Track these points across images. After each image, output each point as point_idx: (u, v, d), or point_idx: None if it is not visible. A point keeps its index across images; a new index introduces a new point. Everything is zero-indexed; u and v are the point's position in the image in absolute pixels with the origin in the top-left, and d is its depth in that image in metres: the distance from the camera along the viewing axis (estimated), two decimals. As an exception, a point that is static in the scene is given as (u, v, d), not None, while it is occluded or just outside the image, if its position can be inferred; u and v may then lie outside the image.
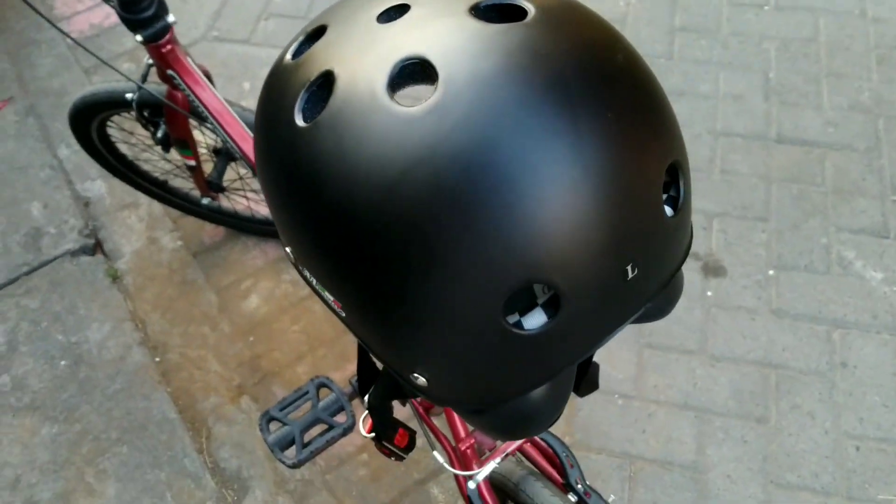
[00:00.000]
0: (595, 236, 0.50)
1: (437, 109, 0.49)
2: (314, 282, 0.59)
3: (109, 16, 2.54)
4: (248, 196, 1.88)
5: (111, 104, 1.53)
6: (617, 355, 1.77)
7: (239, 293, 1.93)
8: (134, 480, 1.67)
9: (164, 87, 1.44)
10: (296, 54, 0.58)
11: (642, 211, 0.52)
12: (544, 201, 0.48)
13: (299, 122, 0.54)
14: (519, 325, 0.54)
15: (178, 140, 1.55)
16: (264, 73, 2.33)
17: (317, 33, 0.58)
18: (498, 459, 1.07)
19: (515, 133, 0.48)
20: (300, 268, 0.60)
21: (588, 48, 0.52)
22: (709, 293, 1.85)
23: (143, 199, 2.08)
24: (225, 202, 1.92)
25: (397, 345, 0.56)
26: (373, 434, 0.88)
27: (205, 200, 1.75)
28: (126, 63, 2.40)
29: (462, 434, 1.12)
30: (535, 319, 0.55)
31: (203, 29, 2.49)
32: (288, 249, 0.61)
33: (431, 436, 1.15)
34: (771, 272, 1.87)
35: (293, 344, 1.84)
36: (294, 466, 1.11)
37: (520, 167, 0.48)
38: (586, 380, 0.90)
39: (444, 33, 0.52)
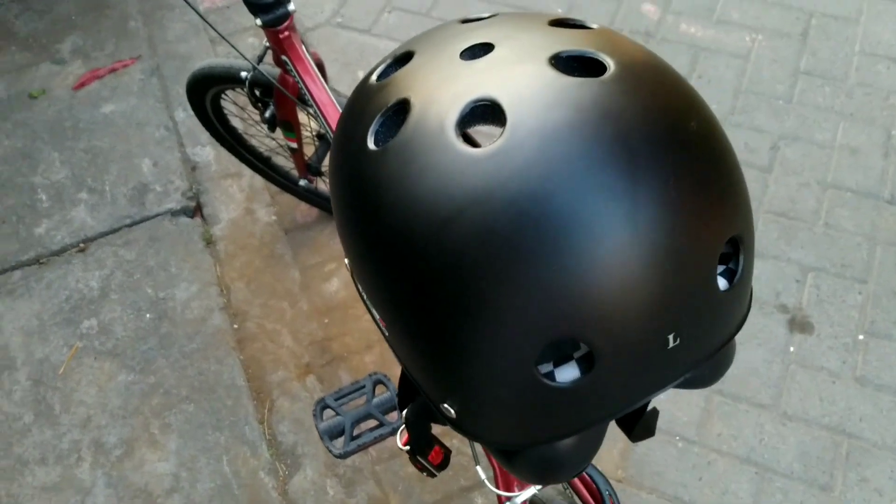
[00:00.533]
0: (638, 303, 0.49)
1: (499, 154, 0.49)
2: (365, 297, 0.59)
3: (242, -10, 2.62)
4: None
5: (226, 79, 1.58)
6: (685, 397, 1.72)
7: (322, 274, 1.96)
8: (195, 439, 1.73)
9: (276, 71, 1.48)
10: (381, 76, 0.59)
11: (692, 283, 0.51)
12: (591, 260, 0.47)
13: (371, 144, 0.54)
14: (551, 375, 0.54)
15: (284, 122, 1.59)
16: (379, 63, 2.37)
17: (404, 58, 0.59)
18: (539, 486, 1.06)
19: (572, 188, 0.47)
20: (355, 281, 0.61)
21: (661, 111, 0.51)
22: (791, 349, 1.78)
23: (246, 171, 2.14)
24: (321, 185, 1.96)
25: (433, 374, 0.56)
26: (408, 447, 0.88)
27: (302, 182, 1.79)
28: (251, 38, 2.48)
29: None
30: (568, 373, 0.54)
31: (328, 14, 2.54)
32: (346, 261, 0.62)
33: (476, 450, 1.15)
34: (861, 337, 1.78)
35: (365, 332, 1.86)
36: (340, 457, 1.12)
37: (572, 223, 0.47)
38: (641, 424, 0.88)
39: (520, 79, 0.51)
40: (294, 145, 1.67)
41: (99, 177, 2.16)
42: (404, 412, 0.77)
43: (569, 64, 0.53)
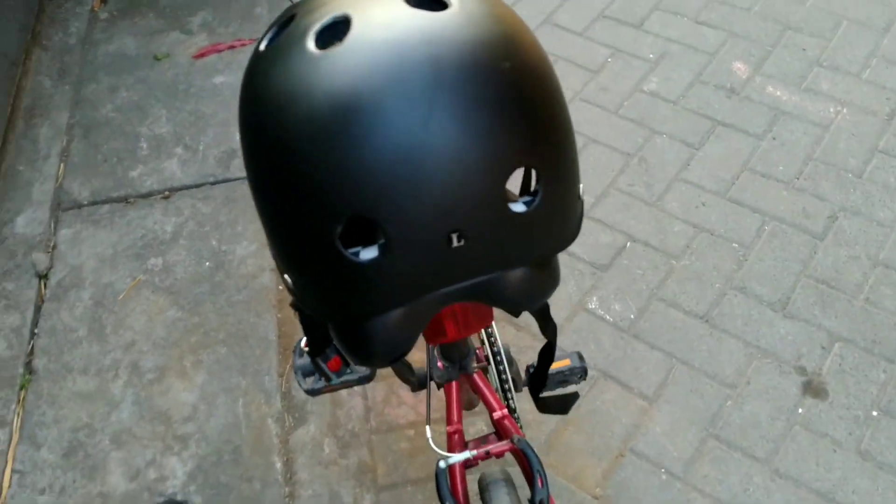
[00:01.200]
0: (423, 195, 0.57)
1: (333, 55, 0.58)
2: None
3: None
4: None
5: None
6: (680, 433, 1.73)
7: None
8: (220, 378, 1.86)
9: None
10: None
11: (478, 194, 0.58)
12: (387, 152, 0.56)
13: (261, 46, 0.66)
14: (356, 254, 0.62)
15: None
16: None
17: None
18: (474, 452, 1.12)
19: (381, 90, 0.56)
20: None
21: (477, 46, 0.59)
22: (800, 410, 1.75)
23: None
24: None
25: (272, 246, 0.65)
26: (307, 350, 0.96)
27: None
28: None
29: (454, 419, 1.18)
30: (369, 253, 0.62)
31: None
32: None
33: (429, 412, 1.22)
34: (875, 413, 1.74)
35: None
36: (308, 392, 1.21)
37: (375, 118, 0.56)
38: (555, 399, 0.93)
39: (375, 7, 0.61)
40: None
41: (196, 137, 2.36)
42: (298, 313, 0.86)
43: (422, 2, 0.62)
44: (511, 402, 1.35)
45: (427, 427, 1.16)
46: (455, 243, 0.60)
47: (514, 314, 0.72)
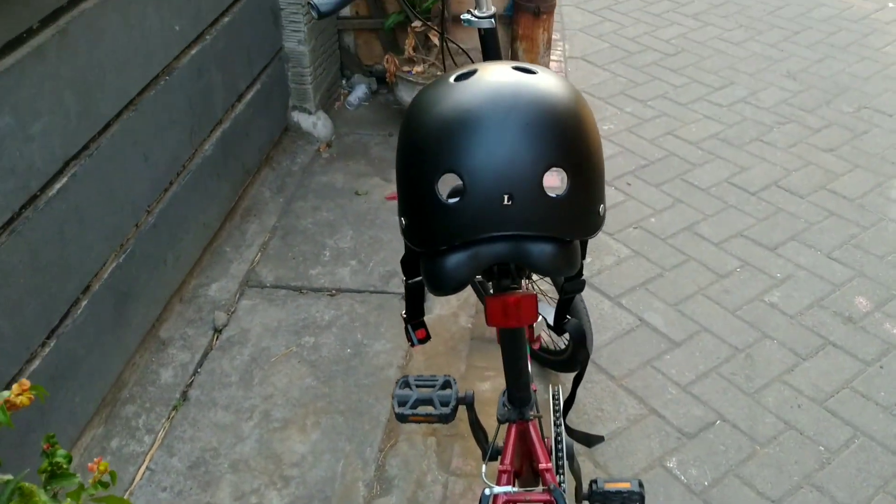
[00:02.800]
0: (490, 166, 0.88)
1: (461, 84, 0.92)
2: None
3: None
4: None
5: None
6: None
7: (481, 375, 2.31)
8: (330, 440, 2.11)
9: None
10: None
11: (523, 173, 0.88)
12: (476, 137, 0.89)
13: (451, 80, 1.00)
14: (446, 200, 0.91)
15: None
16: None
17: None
18: (517, 489, 1.29)
19: (481, 104, 0.90)
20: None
21: (540, 94, 0.92)
22: None
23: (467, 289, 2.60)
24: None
25: (401, 200, 0.95)
26: (404, 315, 1.20)
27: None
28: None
29: (507, 460, 1.36)
30: (453, 200, 0.90)
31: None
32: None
33: (492, 450, 1.41)
34: None
35: (490, 429, 2.15)
36: (397, 417, 1.44)
37: (473, 120, 0.89)
38: (581, 433, 1.14)
39: (495, 66, 0.94)
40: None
41: (369, 255, 2.76)
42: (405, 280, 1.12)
43: (522, 69, 0.94)
44: (560, 462, 1.51)
45: (483, 464, 1.36)
46: (505, 202, 0.88)
47: (546, 277, 0.98)
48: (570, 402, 1.36)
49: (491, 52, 1.73)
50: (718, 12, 4.66)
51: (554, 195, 0.92)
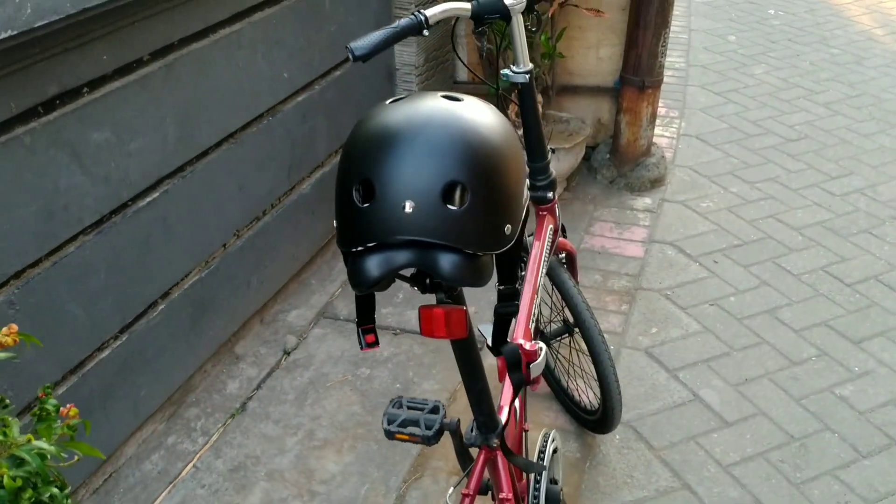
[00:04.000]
0: (397, 174, 0.97)
1: (391, 105, 1.01)
2: None
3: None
4: (571, 377, 2.28)
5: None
6: None
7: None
8: (361, 464, 2.19)
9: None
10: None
11: (424, 182, 0.95)
12: (389, 147, 0.99)
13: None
14: (360, 203, 0.99)
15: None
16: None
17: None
18: None
19: (399, 121, 1.01)
20: None
21: (452, 116, 1.01)
22: None
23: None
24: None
25: (334, 206, 1.05)
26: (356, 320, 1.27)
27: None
28: (601, 276, 3.01)
29: (471, 485, 1.39)
30: (366, 204, 0.98)
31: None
32: None
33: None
34: None
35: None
36: (385, 434, 1.50)
37: (390, 134, 1.00)
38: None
39: (427, 95, 1.04)
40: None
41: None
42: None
43: (448, 98, 1.03)
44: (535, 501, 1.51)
45: (451, 487, 1.40)
46: (407, 209, 0.96)
47: (454, 286, 1.04)
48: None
49: (527, 108, 1.81)
50: (852, 103, 4.50)
51: (454, 208, 0.98)
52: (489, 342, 1.27)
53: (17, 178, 1.74)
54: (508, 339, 1.26)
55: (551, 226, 1.93)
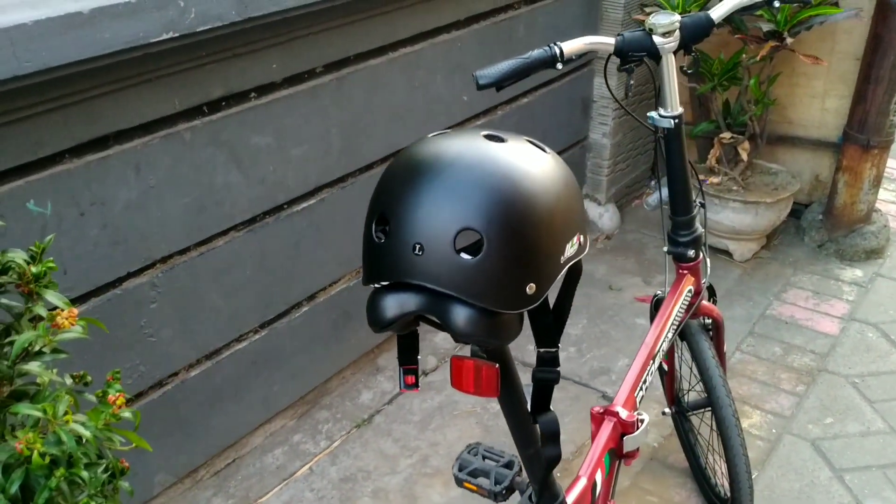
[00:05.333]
0: (409, 214, 0.89)
1: (429, 142, 0.95)
2: None
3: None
4: (712, 459, 2.03)
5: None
6: None
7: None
8: (462, 502, 2.10)
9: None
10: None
11: (434, 229, 0.86)
12: (404, 190, 0.92)
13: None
14: (377, 236, 0.92)
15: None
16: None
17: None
18: None
19: (420, 163, 0.94)
20: None
21: (479, 158, 0.92)
22: None
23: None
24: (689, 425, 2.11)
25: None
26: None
27: (666, 409, 2.01)
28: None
29: None
30: (381, 240, 0.91)
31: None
32: None
33: None
34: None
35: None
36: (455, 479, 1.42)
37: (414, 171, 0.92)
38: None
39: (466, 132, 0.96)
40: (665, 366, 1.93)
41: (590, 347, 2.68)
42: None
43: (493, 137, 0.95)
44: None
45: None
46: (417, 251, 0.88)
47: (465, 342, 0.93)
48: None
49: (672, 156, 1.64)
50: None
51: (467, 258, 0.88)
52: (529, 407, 1.14)
53: (173, 170, 1.85)
54: (552, 408, 1.13)
55: (691, 287, 1.73)
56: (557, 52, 1.45)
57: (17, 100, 1.48)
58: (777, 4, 1.50)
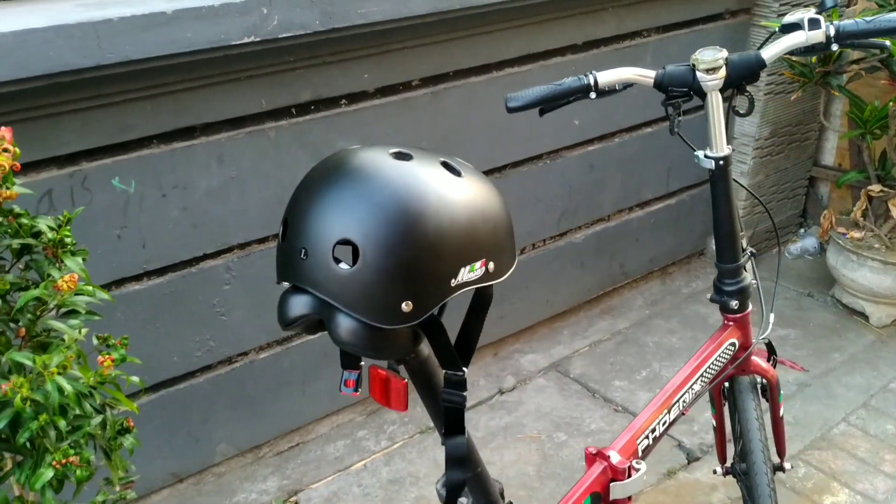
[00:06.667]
0: (300, 218, 0.92)
1: (340, 153, 0.97)
2: None
3: None
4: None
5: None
6: None
7: None
8: None
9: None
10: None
11: (317, 233, 0.89)
12: (301, 192, 0.95)
13: None
14: (281, 237, 0.96)
15: (713, 397, 1.75)
16: None
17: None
18: None
19: (318, 170, 0.96)
20: None
21: (369, 177, 0.92)
22: None
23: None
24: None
25: None
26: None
27: (716, 469, 1.86)
28: None
29: None
30: (280, 239, 0.96)
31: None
32: None
33: None
34: None
35: None
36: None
37: (307, 180, 0.96)
38: None
39: (371, 148, 0.96)
40: (713, 422, 1.78)
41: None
42: None
43: (400, 154, 0.95)
44: None
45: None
46: (302, 256, 0.90)
47: (349, 351, 0.94)
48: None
49: (717, 200, 1.53)
50: None
51: (344, 268, 0.88)
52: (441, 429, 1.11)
53: (257, 164, 1.97)
54: (466, 432, 1.09)
55: (735, 340, 1.60)
56: (592, 81, 1.41)
57: (104, 87, 1.65)
58: (835, 48, 1.35)
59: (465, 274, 0.94)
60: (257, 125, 1.95)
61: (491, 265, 0.97)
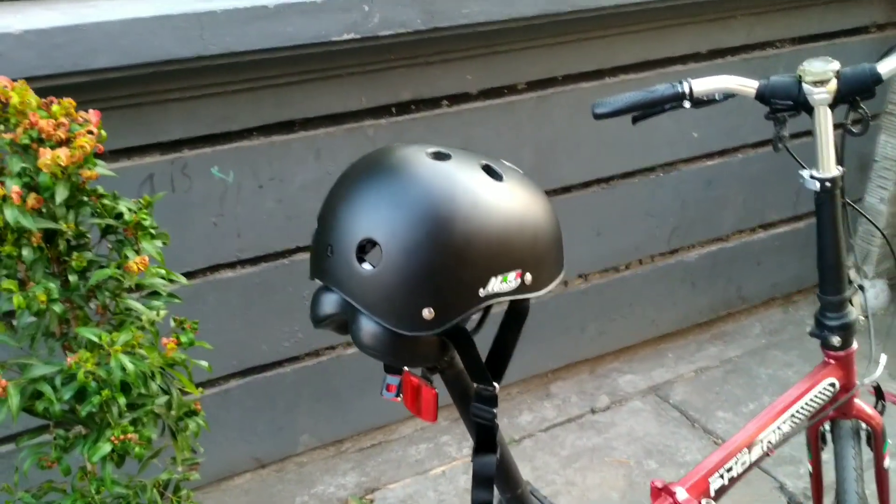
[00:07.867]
0: (329, 218, 0.89)
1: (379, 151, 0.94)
2: None
3: None
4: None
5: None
6: None
7: None
8: None
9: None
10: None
11: (342, 233, 0.86)
12: (332, 194, 0.91)
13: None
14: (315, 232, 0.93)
15: (809, 440, 1.60)
16: None
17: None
18: None
19: (352, 168, 0.93)
20: None
21: (400, 175, 0.88)
22: None
23: None
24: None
25: None
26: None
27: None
28: None
29: None
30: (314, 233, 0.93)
31: None
32: None
33: None
34: None
35: None
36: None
37: (340, 178, 0.92)
38: None
39: (410, 146, 0.92)
40: (811, 468, 1.63)
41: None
42: None
43: (438, 154, 0.90)
44: None
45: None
46: (328, 253, 0.86)
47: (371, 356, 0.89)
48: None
49: (822, 224, 1.38)
50: None
51: (367, 268, 0.84)
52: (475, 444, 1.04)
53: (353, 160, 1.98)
54: (498, 454, 1.02)
55: (835, 380, 1.45)
56: (686, 89, 1.31)
57: (207, 77, 1.70)
58: (958, 65, 1.19)
59: (496, 284, 0.88)
60: (356, 122, 1.95)
61: (528, 277, 0.90)
